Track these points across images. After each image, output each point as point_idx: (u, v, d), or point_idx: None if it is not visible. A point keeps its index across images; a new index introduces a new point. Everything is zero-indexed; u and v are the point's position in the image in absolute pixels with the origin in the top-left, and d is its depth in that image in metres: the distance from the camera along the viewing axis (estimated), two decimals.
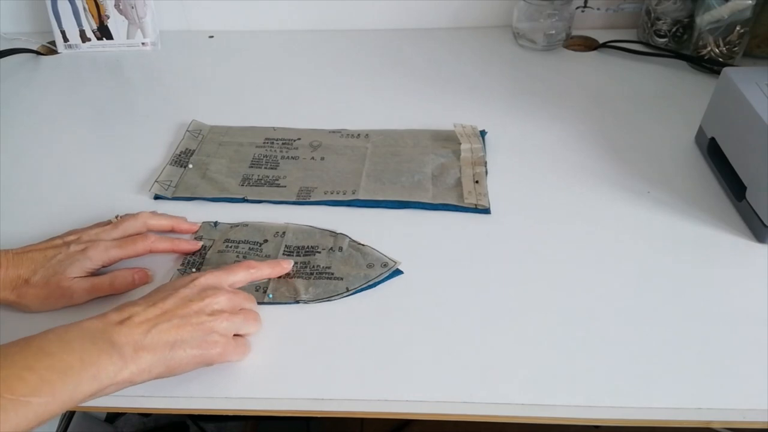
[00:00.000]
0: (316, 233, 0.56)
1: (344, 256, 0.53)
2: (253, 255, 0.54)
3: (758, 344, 0.46)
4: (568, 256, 0.54)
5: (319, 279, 0.52)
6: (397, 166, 0.63)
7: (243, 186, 0.62)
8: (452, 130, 0.67)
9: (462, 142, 0.65)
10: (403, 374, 0.45)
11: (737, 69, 0.60)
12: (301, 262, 0.53)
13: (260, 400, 0.44)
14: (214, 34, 0.91)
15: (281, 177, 0.63)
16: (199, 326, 0.42)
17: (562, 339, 0.47)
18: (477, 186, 0.60)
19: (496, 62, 0.83)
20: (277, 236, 0.56)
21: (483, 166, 0.62)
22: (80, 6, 0.84)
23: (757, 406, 0.42)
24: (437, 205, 0.59)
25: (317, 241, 0.55)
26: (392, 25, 0.91)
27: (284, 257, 0.53)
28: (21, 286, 0.48)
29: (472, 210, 0.58)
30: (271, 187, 0.61)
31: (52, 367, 0.36)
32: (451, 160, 0.64)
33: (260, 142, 0.68)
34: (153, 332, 0.41)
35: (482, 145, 0.65)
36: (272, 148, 0.67)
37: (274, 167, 0.64)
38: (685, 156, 0.65)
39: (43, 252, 0.50)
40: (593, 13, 0.88)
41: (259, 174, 0.63)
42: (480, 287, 0.51)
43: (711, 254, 0.54)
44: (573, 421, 0.44)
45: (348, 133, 0.69)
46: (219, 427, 0.94)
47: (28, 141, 0.70)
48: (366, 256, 0.53)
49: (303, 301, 0.50)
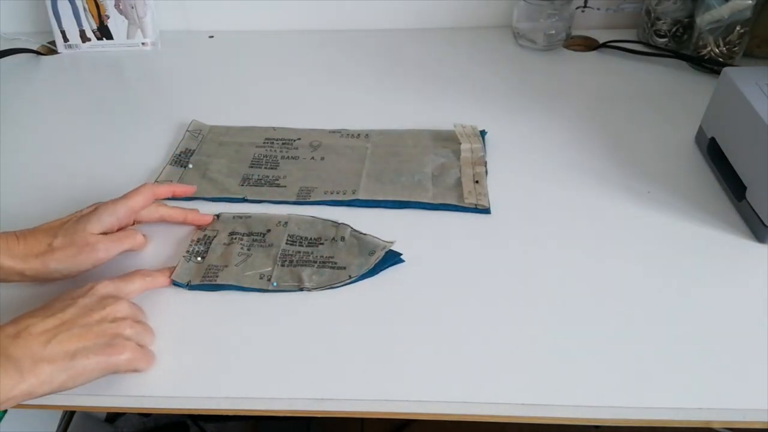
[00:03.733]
0: (318, 224, 0.56)
1: (346, 245, 0.54)
2: (257, 246, 0.54)
3: (758, 344, 0.46)
4: (567, 255, 0.54)
5: (322, 268, 0.52)
6: (397, 166, 0.63)
7: (243, 186, 0.62)
8: (452, 130, 0.67)
9: (462, 142, 0.65)
10: (403, 374, 0.45)
11: (737, 69, 0.60)
12: (304, 252, 0.54)
13: (260, 400, 0.44)
14: (214, 34, 0.91)
15: (281, 177, 0.63)
16: (102, 333, 0.42)
17: (562, 339, 0.47)
18: (477, 186, 0.60)
19: (496, 62, 0.83)
20: (280, 225, 0.56)
21: (483, 166, 0.62)
22: (80, 6, 0.84)
23: (757, 406, 0.42)
24: (437, 205, 0.59)
25: (320, 232, 0.56)
26: (392, 25, 0.91)
27: (288, 246, 0.54)
28: (45, 252, 0.48)
29: (472, 210, 0.58)
30: (271, 187, 0.61)
31: None
32: (451, 160, 0.64)
33: (260, 142, 0.68)
34: (53, 343, 0.40)
35: (482, 144, 0.65)
36: (272, 148, 0.67)
37: (274, 167, 0.64)
38: (685, 156, 0.65)
39: (50, 224, 0.51)
40: (593, 13, 0.88)
41: (259, 174, 0.63)
42: (480, 287, 0.51)
43: (711, 254, 0.54)
44: (573, 421, 0.44)
45: (348, 132, 0.69)
46: (219, 427, 0.94)
47: (28, 141, 0.70)
48: (367, 244, 0.54)
49: (306, 288, 0.51)
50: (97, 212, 0.51)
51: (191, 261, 0.53)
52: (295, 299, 0.51)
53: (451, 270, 0.53)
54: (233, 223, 0.57)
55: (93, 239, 0.49)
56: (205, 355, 0.46)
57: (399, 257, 0.53)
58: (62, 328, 0.41)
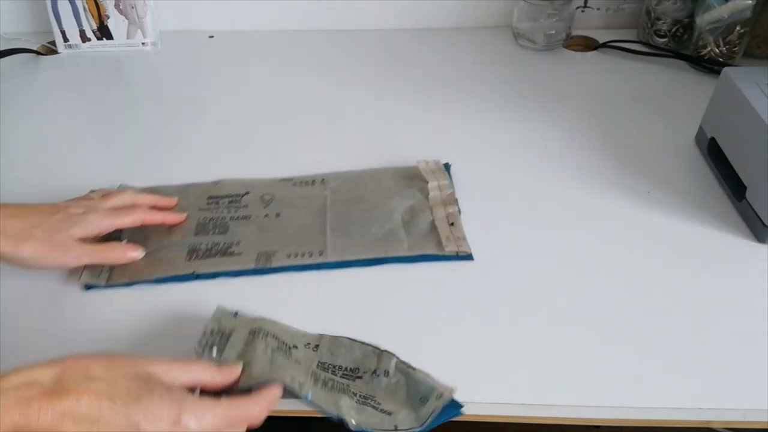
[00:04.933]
0: (356, 349, 0.46)
1: (390, 384, 0.44)
2: (281, 355, 0.44)
3: (758, 344, 0.46)
4: (567, 255, 0.54)
5: (363, 405, 0.43)
6: (363, 215, 0.56)
7: (191, 260, 0.53)
8: (414, 166, 0.62)
9: (429, 180, 0.60)
10: None
11: (737, 69, 0.60)
12: (338, 382, 0.44)
13: None
14: (214, 34, 0.91)
15: (234, 243, 0.54)
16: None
17: (562, 339, 0.47)
18: (453, 229, 0.55)
19: (496, 62, 0.83)
20: (309, 348, 0.46)
21: (455, 205, 0.57)
22: (80, 6, 0.84)
23: (757, 406, 0.43)
24: (415, 257, 0.53)
25: (358, 362, 0.45)
26: (392, 25, 0.90)
27: (320, 371, 0.45)
28: (20, 239, 0.47)
29: (454, 257, 0.53)
30: (224, 257, 0.53)
31: None
32: (420, 201, 0.58)
33: (203, 204, 0.58)
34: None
35: (449, 180, 0.60)
36: (218, 209, 0.58)
37: (224, 231, 0.55)
38: (685, 156, 0.65)
39: (40, 208, 0.50)
40: (593, 13, 0.88)
41: (208, 242, 0.54)
42: (480, 286, 0.51)
43: (711, 254, 0.54)
44: (573, 421, 0.44)
45: (302, 180, 0.61)
46: None
47: (28, 141, 0.70)
48: (417, 385, 0.43)
49: (350, 424, 0.42)
50: (84, 220, 0.50)
51: (206, 355, 0.44)
52: (296, 298, 0.51)
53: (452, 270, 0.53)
54: (253, 322, 0.46)
55: (71, 244, 0.49)
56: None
57: (459, 409, 0.42)
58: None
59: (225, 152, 0.67)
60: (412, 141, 0.68)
